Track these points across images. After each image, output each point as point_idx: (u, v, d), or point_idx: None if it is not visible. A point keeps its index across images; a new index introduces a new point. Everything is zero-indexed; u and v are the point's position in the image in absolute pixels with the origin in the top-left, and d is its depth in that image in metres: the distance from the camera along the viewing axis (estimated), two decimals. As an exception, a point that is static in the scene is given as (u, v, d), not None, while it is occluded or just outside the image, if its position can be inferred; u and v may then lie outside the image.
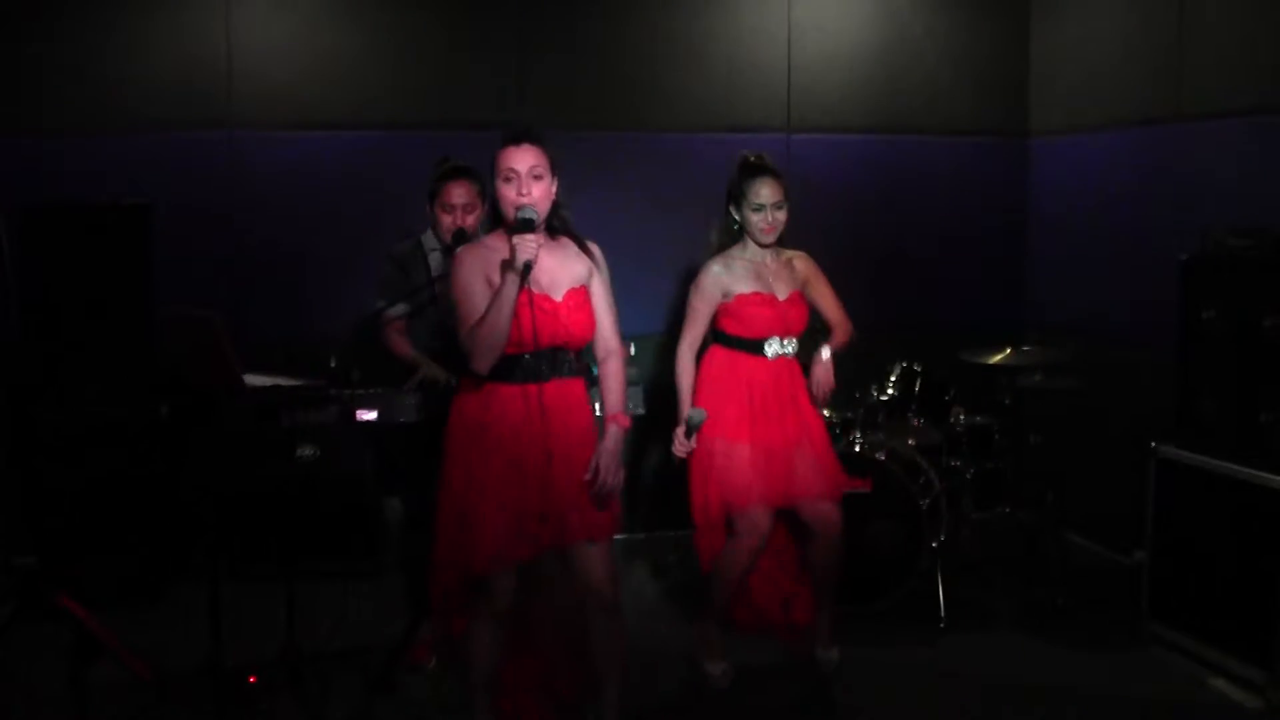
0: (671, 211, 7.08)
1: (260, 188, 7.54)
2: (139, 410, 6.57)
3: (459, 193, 5.82)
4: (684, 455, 5.53)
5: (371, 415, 5.37)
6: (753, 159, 5.73)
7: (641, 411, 5.49)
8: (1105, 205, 7.65)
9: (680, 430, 5.49)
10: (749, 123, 7.70)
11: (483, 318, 4.47)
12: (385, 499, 7.08)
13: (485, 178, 5.84)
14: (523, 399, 4.57)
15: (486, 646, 4.80)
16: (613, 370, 4.87)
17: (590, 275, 4.79)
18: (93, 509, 6.59)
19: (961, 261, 8.32)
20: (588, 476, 4.65)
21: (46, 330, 6.57)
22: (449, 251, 5.80)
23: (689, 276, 5.63)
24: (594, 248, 4.83)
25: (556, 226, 4.75)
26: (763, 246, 5.70)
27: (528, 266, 4.41)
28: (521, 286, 4.44)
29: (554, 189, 4.67)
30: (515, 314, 4.47)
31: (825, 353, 5.79)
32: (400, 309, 5.88)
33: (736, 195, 5.69)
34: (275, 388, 5.27)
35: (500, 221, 4.66)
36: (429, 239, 5.99)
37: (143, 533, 6.70)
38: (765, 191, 5.61)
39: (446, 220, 5.82)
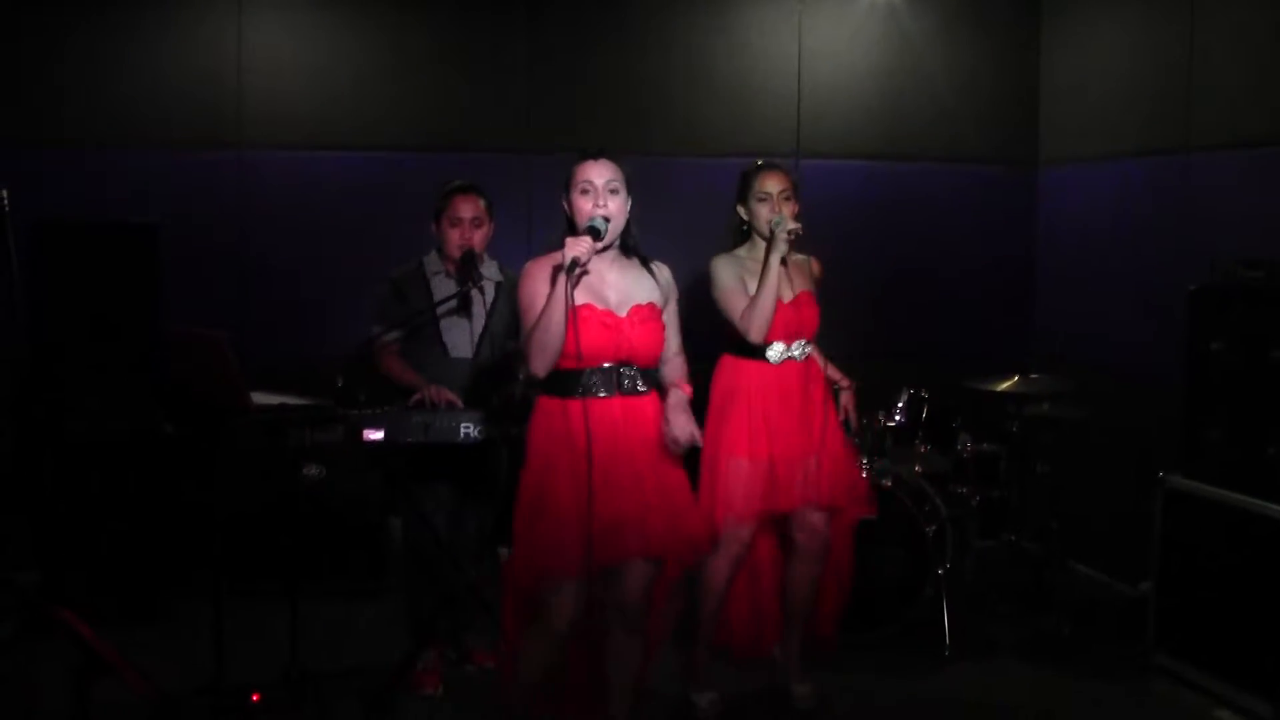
0: (680, 236, 7.07)
1: (269, 207, 7.57)
2: (144, 427, 6.56)
3: (467, 206, 5.79)
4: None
5: (378, 435, 5.36)
6: (760, 161, 5.69)
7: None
8: (1114, 235, 7.65)
9: None
10: (759, 147, 7.66)
11: (536, 320, 4.48)
12: (390, 519, 7.08)
13: (491, 195, 5.88)
14: (580, 413, 4.55)
15: (533, 666, 4.71)
16: (674, 399, 4.78)
17: (663, 297, 4.80)
18: (97, 526, 6.58)
19: (969, 289, 8.32)
20: (671, 440, 4.65)
21: (53, 345, 6.57)
22: (458, 271, 5.79)
23: (693, 300, 5.55)
24: (663, 268, 4.87)
25: (629, 245, 4.76)
26: (769, 241, 5.50)
27: (574, 264, 4.42)
28: (570, 283, 4.43)
29: (628, 207, 4.69)
30: (578, 329, 4.49)
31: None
32: (393, 335, 5.85)
33: (744, 192, 5.63)
34: (282, 406, 5.27)
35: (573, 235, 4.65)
36: (431, 261, 5.95)
37: (146, 550, 6.70)
38: (771, 182, 5.54)
39: (454, 235, 5.79)
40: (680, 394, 4.77)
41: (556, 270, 4.47)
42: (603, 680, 4.91)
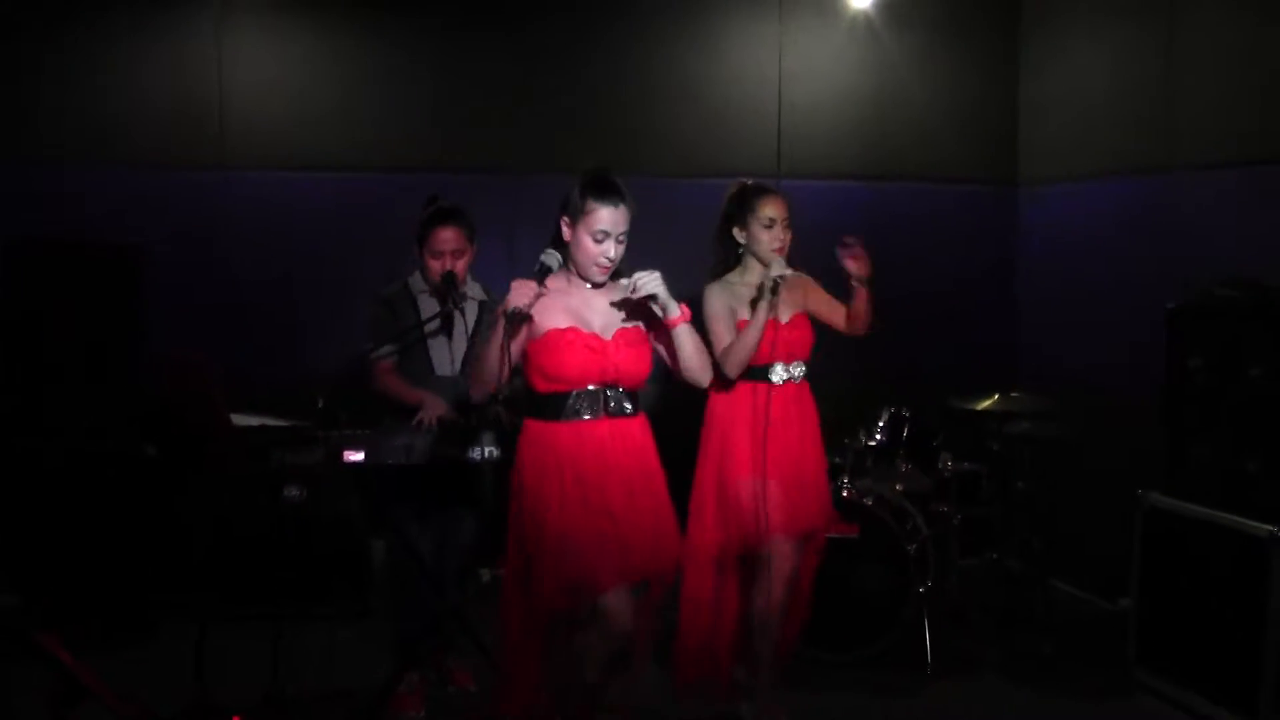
0: (662, 257, 7.07)
1: (250, 228, 7.56)
2: (126, 449, 6.56)
3: (447, 238, 5.78)
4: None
5: (359, 456, 5.36)
6: (751, 182, 5.63)
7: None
8: (1093, 254, 7.67)
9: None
10: (739, 168, 7.66)
11: (477, 355, 4.50)
12: (373, 541, 7.08)
13: (473, 221, 5.88)
14: (569, 436, 4.58)
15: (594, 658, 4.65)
16: None
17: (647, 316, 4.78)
18: (78, 549, 6.57)
19: (950, 308, 8.33)
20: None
21: (33, 365, 6.56)
22: (436, 294, 5.80)
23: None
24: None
25: (620, 271, 4.74)
26: (767, 266, 5.44)
27: (515, 313, 4.41)
28: (508, 333, 4.44)
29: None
30: (561, 351, 4.54)
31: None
32: (387, 351, 5.87)
33: (741, 216, 5.55)
34: (263, 428, 5.27)
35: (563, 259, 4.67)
36: (416, 281, 5.96)
37: (128, 573, 6.68)
38: (773, 208, 5.51)
39: (435, 266, 5.78)
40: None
41: (501, 313, 4.47)
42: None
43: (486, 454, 5.45)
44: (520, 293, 4.42)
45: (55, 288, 6.61)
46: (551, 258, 4.59)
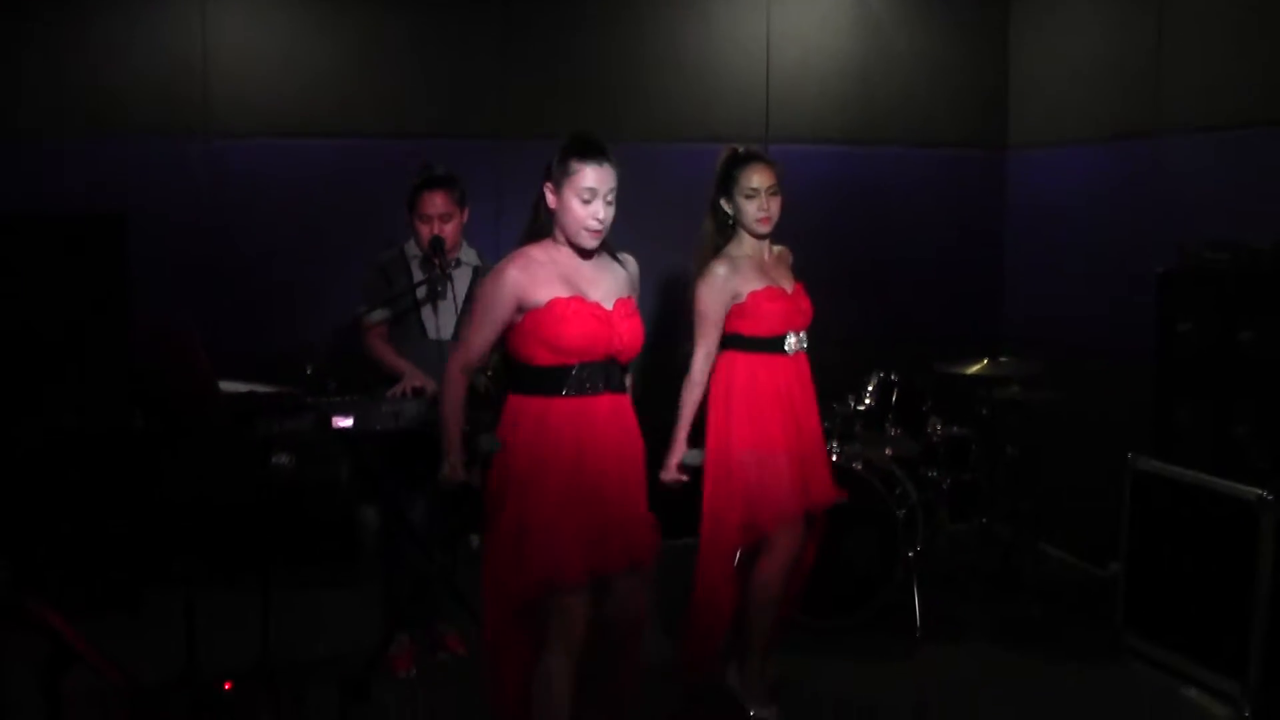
0: (647, 222, 7.02)
1: (237, 195, 7.51)
2: (114, 419, 6.54)
3: (435, 203, 5.79)
4: (671, 482, 5.29)
5: (347, 422, 5.35)
6: (741, 149, 5.44)
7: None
8: (1082, 217, 7.67)
9: (675, 463, 5.28)
10: (727, 132, 7.63)
11: (446, 406, 4.60)
12: (361, 507, 7.07)
13: (464, 186, 5.87)
14: (573, 413, 4.45)
15: (563, 684, 4.47)
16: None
17: (633, 288, 4.72)
18: (68, 519, 6.56)
19: (939, 272, 8.34)
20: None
21: (17, 339, 6.53)
22: (427, 260, 5.79)
23: (665, 287, 5.50)
24: (630, 260, 4.76)
25: (606, 240, 4.61)
26: (758, 238, 5.41)
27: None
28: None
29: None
30: (568, 321, 4.42)
31: None
32: (381, 314, 5.87)
33: (727, 186, 5.37)
34: (250, 394, 5.25)
35: (547, 228, 4.55)
36: (411, 247, 5.98)
37: (118, 542, 6.67)
38: (758, 177, 5.31)
39: (424, 230, 5.79)
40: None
41: (524, 263, 4.45)
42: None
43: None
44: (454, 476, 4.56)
45: (37, 259, 6.56)
46: (492, 441, 4.49)
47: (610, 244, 4.67)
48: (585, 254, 4.57)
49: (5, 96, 7.24)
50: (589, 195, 4.42)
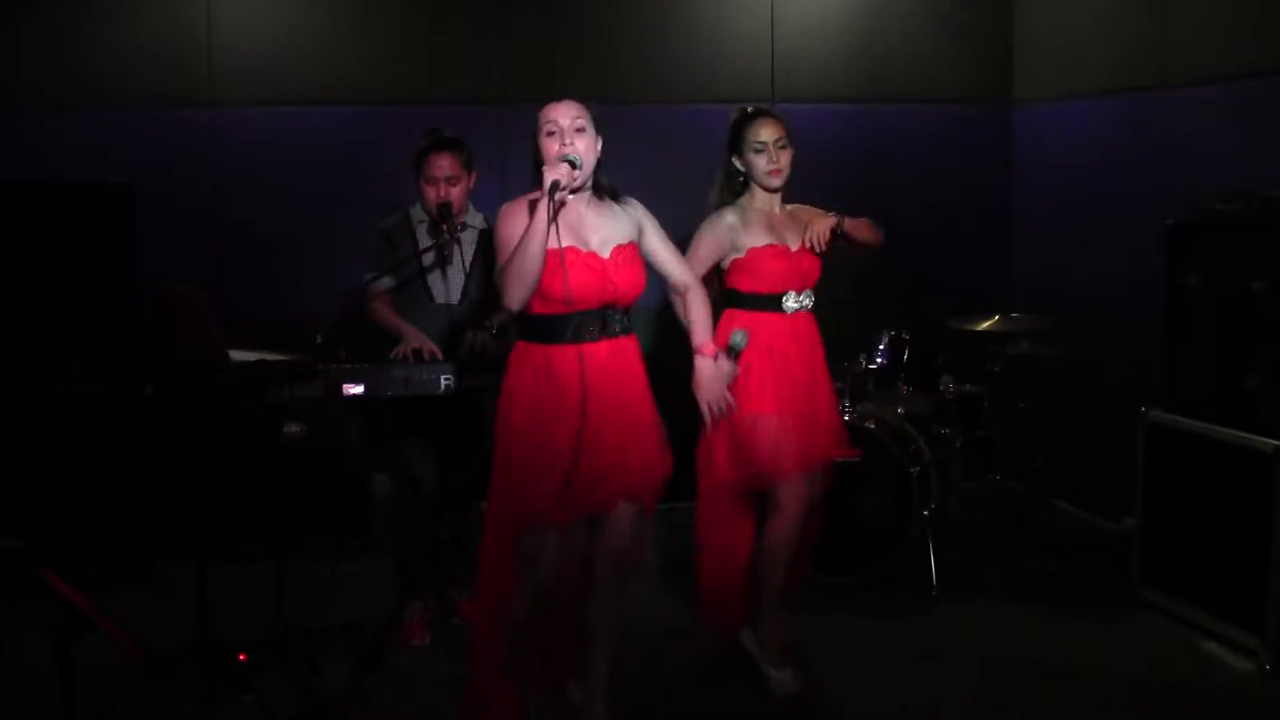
0: (654, 184, 6.99)
1: (242, 164, 7.52)
2: (124, 389, 6.53)
3: (442, 164, 5.78)
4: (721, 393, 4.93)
5: (358, 389, 5.33)
6: (750, 108, 5.50)
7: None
8: (1090, 171, 7.63)
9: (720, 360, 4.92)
10: (732, 92, 7.62)
11: (515, 249, 4.41)
12: (373, 474, 7.07)
13: (470, 149, 5.85)
14: (573, 359, 4.53)
15: (525, 614, 4.66)
16: (694, 302, 4.88)
17: (638, 231, 4.76)
18: (78, 489, 6.55)
19: (948, 229, 8.29)
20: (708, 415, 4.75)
21: (27, 309, 6.52)
22: (435, 224, 5.78)
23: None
24: (634, 202, 4.81)
25: (602, 185, 4.72)
26: (769, 191, 5.43)
27: (554, 187, 4.36)
28: (552, 208, 4.37)
29: (598, 146, 4.64)
30: (563, 272, 4.43)
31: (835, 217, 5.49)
32: (386, 282, 5.85)
33: (737, 144, 5.42)
34: (260, 362, 5.23)
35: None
36: (417, 212, 5.97)
37: (129, 511, 6.67)
38: (765, 131, 5.35)
39: (430, 193, 5.79)
40: (705, 360, 4.80)
41: (533, 204, 4.42)
42: (580, 636, 4.85)
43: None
44: (556, 170, 4.41)
45: (45, 229, 6.56)
46: (572, 155, 4.51)
47: (614, 189, 4.77)
48: (584, 202, 4.67)
49: (8, 67, 7.25)
50: (553, 128, 4.57)
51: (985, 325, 6.99)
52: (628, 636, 4.89)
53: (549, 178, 4.38)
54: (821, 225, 5.40)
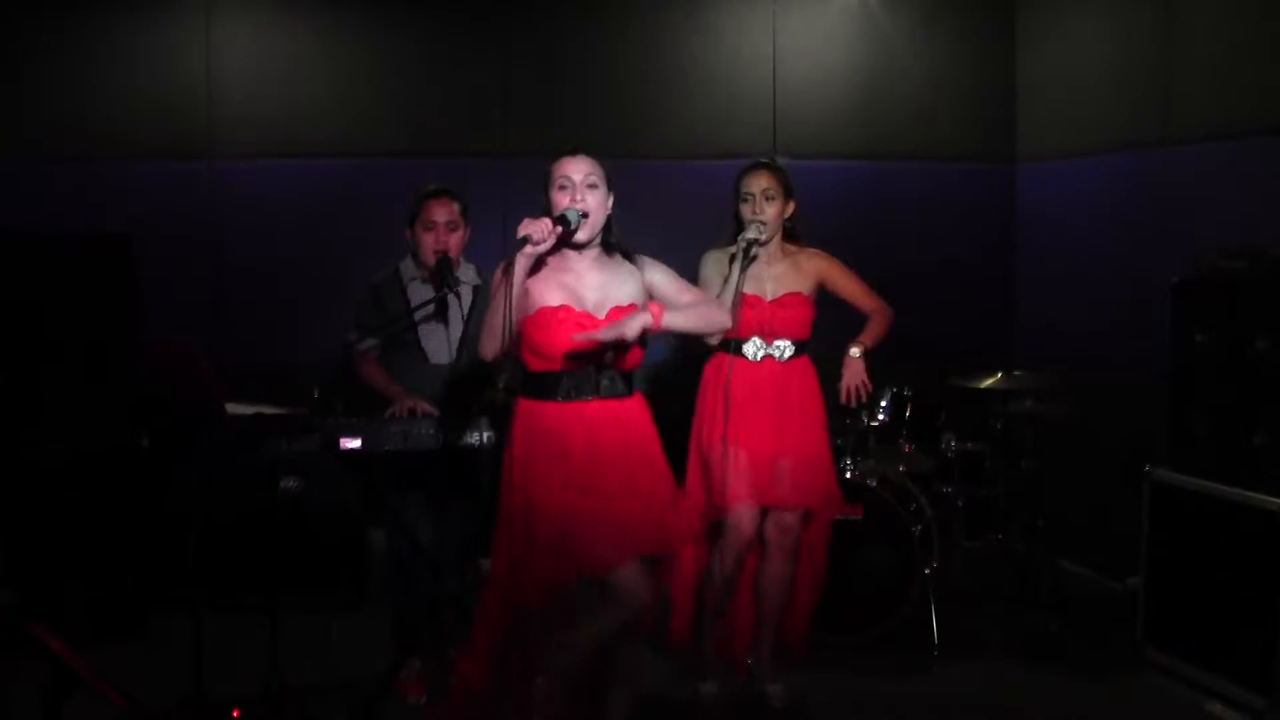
0: (657, 239, 7.01)
1: (241, 216, 7.53)
2: (120, 440, 6.49)
3: (441, 211, 5.74)
4: None
5: (355, 443, 5.31)
6: (755, 160, 5.76)
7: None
8: (1094, 229, 7.62)
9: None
10: (735, 148, 7.64)
11: (487, 304, 4.44)
12: (370, 530, 7.02)
13: (468, 199, 5.83)
14: (566, 417, 4.51)
15: (549, 699, 4.57)
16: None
17: (646, 293, 4.71)
18: (73, 541, 6.50)
19: (950, 286, 8.27)
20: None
21: (24, 359, 6.49)
22: (433, 276, 5.72)
23: None
24: (648, 261, 4.78)
25: (611, 243, 4.70)
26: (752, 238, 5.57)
27: (524, 241, 4.34)
28: (525, 264, 4.39)
29: (609, 203, 4.64)
30: (552, 330, 4.46)
31: (854, 351, 5.74)
32: (370, 343, 5.80)
33: (736, 193, 5.67)
34: (257, 415, 5.19)
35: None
36: (407, 267, 5.90)
37: (124, 564, 6.62)
38: (753, 181, 5.61)
39: (428, 240, 5.73)
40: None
41: (509, 265, 4.40)
42: (598, 692, 4.77)
43: (484, 440, 5.41)
44: (532, 225, 4.39)
45: (44, 280, 6.53)
46: (572, 211, 4.51)
47: (626, 248, 4.74)
48: (589, 260, 4.64)
49: (8, 117, 7.26)
50: (565, 182, 4.58)
51: (988, 383, 6.96)
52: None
53: (521, 231, 4.37)
54: (853, 380, 5.72)
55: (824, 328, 5.87)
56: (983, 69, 8.35)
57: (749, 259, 5.43)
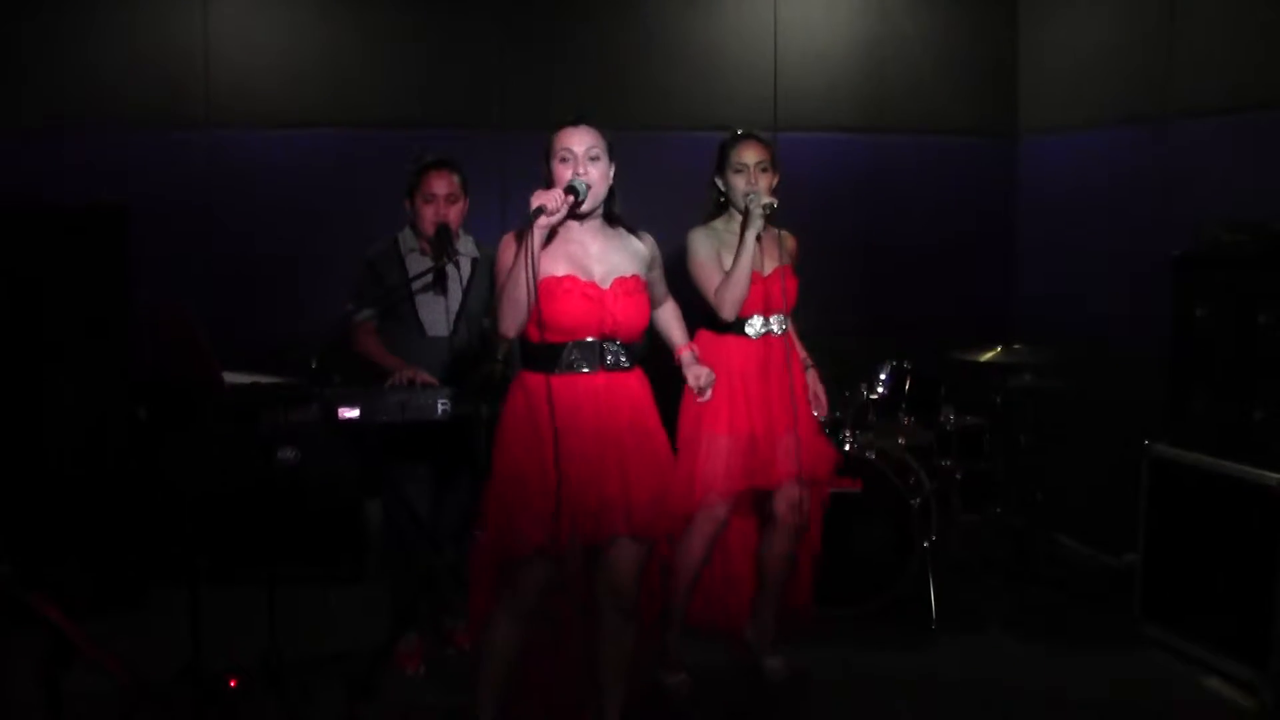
0: (656, 211, 6.99)
1: (238, 186, 7.51)
2: (117, 413, 6.48)
3: (441, 183, 5.71)
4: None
5: (353, 413, 5.29)
6: (739, 130, 5.61)
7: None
8: (1094, 203, 7.60)
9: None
10: (735, 121, 7.54)
11: (504, 278, 4.39)
12: (368, 501, 7.01)
13: (466, 170, 5.80)
14: (568, 389, 4.46)
15: (500, 644, 4.60)
16: (669, 311, 5.04)
17: (647, 266, 4.72)
18: (71, 513, 6.49)
19: (951, 260, 8.26)
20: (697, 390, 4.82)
21: (21, 332, 6.47)
22: (433, 247, 5.70)
23: (671, 275, 5.37)
24: (647, 237, 4.78)
25: (613, 214, 4.68)
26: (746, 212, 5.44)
27: (538, 211, 4.30)
28: (533, 235, 4.32)
29: (611, 174, 4.60)
30: (558, 300, 4.42)
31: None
32: (368, 313, 5.78)
33: (720, 164, 5.55)
34: (254, 386, 5.17)
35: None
36: (406, 238, 5.87)
37: (122, 537, 6.61)
38: (748, 153, 5.46)
39: (428, 212, 5.70)
40: (689, 355, 4.94)
41: (522, 233, 4.36)
42: (590, 673, 4.81)
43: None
44: (545, 196, 4.35)
45: (40, 252, 6.51)
46: (579, 181, 4.48)
47: (628, 220, 4.73)
48: (592, 231, 4.62)
49: (6, 87, 7.23)
50: (567, 154, 4.54)
51: (987, 357, 6.94)
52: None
53: (535, 201, 4.33)
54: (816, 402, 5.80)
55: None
56: (984, 42, 8.32)
57: (764, 217, 5.27)
